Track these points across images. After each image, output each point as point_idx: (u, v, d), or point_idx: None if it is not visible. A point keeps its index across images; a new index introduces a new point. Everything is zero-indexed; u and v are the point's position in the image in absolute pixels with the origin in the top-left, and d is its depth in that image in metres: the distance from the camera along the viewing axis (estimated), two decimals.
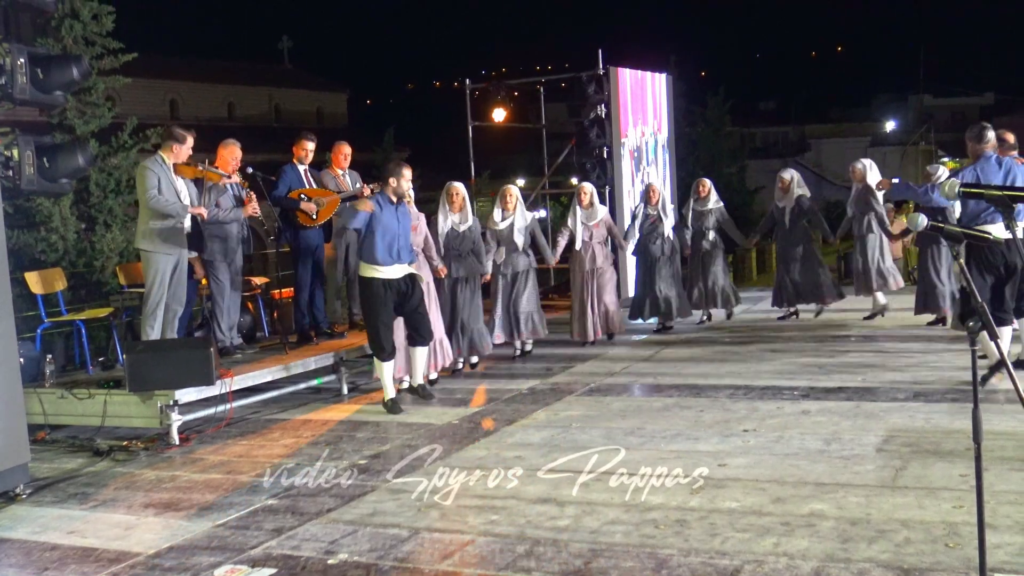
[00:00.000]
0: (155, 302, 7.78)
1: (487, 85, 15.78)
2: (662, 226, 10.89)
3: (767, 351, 9.53)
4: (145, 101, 28.57)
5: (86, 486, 6.26)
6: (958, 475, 5.27)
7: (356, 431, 7.30)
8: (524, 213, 9.71)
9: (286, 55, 42.60)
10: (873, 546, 4.34)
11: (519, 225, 9.60)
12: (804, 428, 6.50)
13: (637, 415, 7.19)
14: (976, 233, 3.61)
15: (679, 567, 4.26)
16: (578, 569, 4.32)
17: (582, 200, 10.34)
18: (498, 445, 6.59)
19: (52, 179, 6.67)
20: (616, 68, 13.20)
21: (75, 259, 11.14)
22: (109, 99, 12.17)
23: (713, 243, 11.33)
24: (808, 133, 56.67)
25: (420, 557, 4.59)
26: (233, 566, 4.63)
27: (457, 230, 9.04)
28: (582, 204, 10.32)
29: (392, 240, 7.62)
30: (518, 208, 9.64)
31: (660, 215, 10.93)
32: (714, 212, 11.29)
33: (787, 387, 7.80)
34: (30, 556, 4.99)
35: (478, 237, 9.18)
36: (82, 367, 8.72)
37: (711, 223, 11.27)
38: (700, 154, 29.21)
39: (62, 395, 7.50)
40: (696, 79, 40.81)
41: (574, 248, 10.37)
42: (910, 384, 7.63)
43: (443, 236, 8.99)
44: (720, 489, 5.30)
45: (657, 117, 14.27)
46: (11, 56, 6.28)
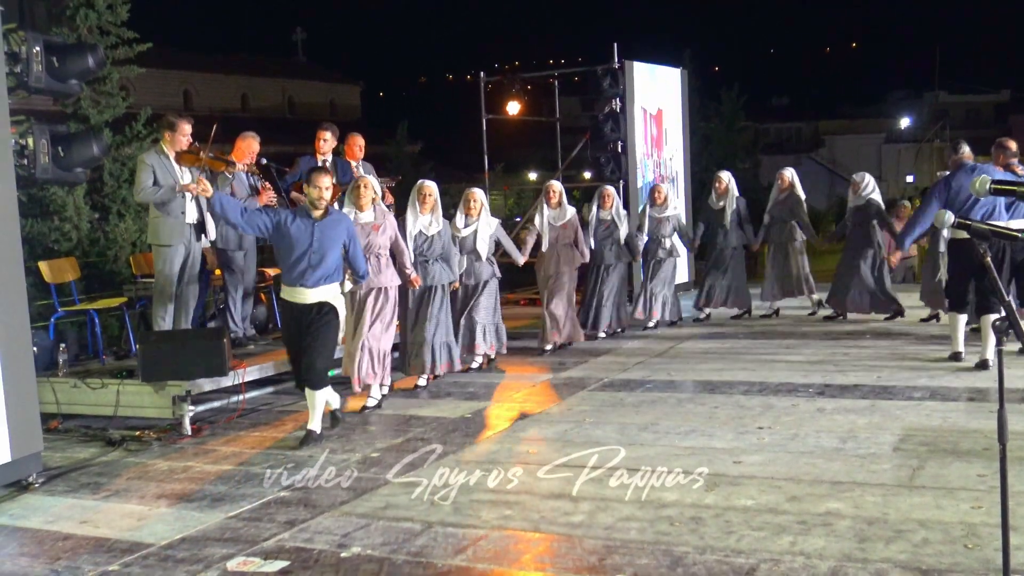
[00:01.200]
0: (165, 294, 7.78)
1: (501, 78, 15.71)
2: (617, 232, 10.46)
3: (782, 348, 9.48)
4: (159, 92, 28.63)
5: (99, 476, 6.25)
6: (976, 475, 5.22)
7: (368, 423, 7.28)
8: (489, 219, 9.09)
9: (300, 47, 42.65)
10: (891, 546, 4.30)
11: (483, 232, 8.97)
12: (820, 426, 6.45)
13: (651, 411, 7.15)
14: (1002, 230, 3.55)
15: (694, 565, 4.22)
16: (592, 565, 4.29)
17: (550, 199, 9.79)
18: (511, 440, 6.56)
19: (66, 168, 6.67)
20: (631, 62, 13.13)
21: (88, 248, 11.15)
22: (123, 89, 12.15)
23: (669, 251, 11.01)
24: (822, 129, 56.42)
25: (433, 551, 4.56)
26: (246, 558, 4.62)
27: (426, 233, 8.32)
28: (550, 203, 9.79)
29: (300, 258, 6.52)
30: (483, 214, 9.03)
31: (615, 220, 10.47)
32: (672, 219, 10.97)
33: (802, 384, 7.75)
34: (43, 545, 4.98)
35: (448, 241, 8.51)
36: (95, 357, 8.72)
37: (667, 230, 10.94)
38: (714, 149, 29.09)
39: (75, 384, 7.50)
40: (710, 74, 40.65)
41: (540, 249, 9.87)
42: (927, 383, 7.57)
43: (411, 239, 8.24)
44: (735, 487, 5.26)
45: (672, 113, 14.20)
46: (27, 44, 6.29)
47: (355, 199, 7.59)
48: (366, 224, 7.57)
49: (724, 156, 28.86)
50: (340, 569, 4.42)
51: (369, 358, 7.56)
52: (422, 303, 8.44)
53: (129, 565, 4.61)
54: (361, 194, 7.56)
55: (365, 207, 7.58)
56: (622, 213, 10.64)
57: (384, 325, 7.67)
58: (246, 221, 6.58)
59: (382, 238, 7.66)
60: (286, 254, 6.57)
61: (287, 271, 6.62)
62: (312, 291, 6.59)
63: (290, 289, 6.63)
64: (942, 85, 54.41)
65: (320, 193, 6.52)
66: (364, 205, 7.58)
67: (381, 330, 7.64)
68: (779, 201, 11.26)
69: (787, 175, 11.24)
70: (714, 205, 11.26)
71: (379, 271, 7.61)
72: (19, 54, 6.25)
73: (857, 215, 10.68)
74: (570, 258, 9.84)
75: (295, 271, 6.55)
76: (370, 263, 7.44)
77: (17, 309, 5.89)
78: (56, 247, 10.81)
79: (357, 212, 7.56)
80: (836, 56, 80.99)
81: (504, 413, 7.38)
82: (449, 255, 8.54)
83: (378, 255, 7.62)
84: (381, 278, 7.63)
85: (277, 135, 20.63)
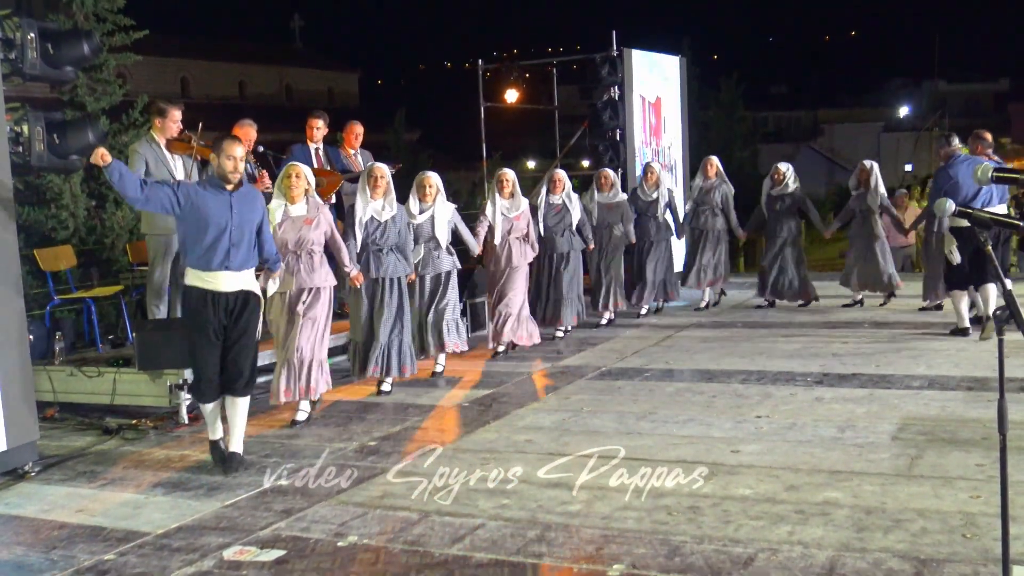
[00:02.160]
0: (159, 282, 7.77)
1: (499, 66, 15.64)
2: (568, 217, 9.86)
3: (780, 337, 9.46)
4: (156, 79, 28.58)
5: (95, 464, 6.24)
6: (974, 464, 5.21)
7: (366, 412, 7.27)
8: (445, 204, 8.30)
9: (297, 35, 42.57)
10: (889, 535, 4.29)
11: (441, 218, 8.18)
12: (818, 415, 6.44)
13: (649, 400, 7.13)
14: (1002, 219, 3.53)
15: (692, 554, 4.21)
16: (590, 555, 4.28)
17: (503, 188, 9.18)
18: (509, 428, 6.55)
19: (62, 156, 6.62)
20: (630, 50, 13.08)
21: (85, 236, 11.12)
22: (120, 76, 12.11)
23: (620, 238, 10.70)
24: (821, 118, 56.38)
25: (430, 540, 4.55)
26: (242, 547, 4.60)
27: (379, 219, 7.56)
28: (503, 193, 9.17)
29: (220, 237, 5.71)
30: (439, 199, 8.20)
31: (566, 205, 9.83)
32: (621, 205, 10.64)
33: (800, 373, 7.73)
34: (38, 534, 4.97)
35: (404, 229, 7.72)
36: (91, 345, 8.69)
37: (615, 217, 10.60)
38: (712, 138, 29.08)
39: (71, 373, 7.48)
40: (709, 62, 40.60)
41: (491, 242, 9.16)
42: (925, 372, 7.56)
43: (361, 227, 7.54)
44: (733, 476, 5.25)
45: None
46: (22, 31, 6.23)
47: (286, 189, 6.81)
48: (297, 218, 6.82)
49: (723, 144, 28.86)
50: (337, 558, 4.40)
51: (296, 371, 6.84)
52: (375, 300, 7.66)
53: (125, 554, 4.60)
54: (293, 184, 6.78)
55: (297, 199, 6.82)
56: (573, 197, 9.98)
57: (318, 331, 6.94)
58: (146, 196, 5.66)
59: (315, 233, 6.88)
60: (201, 233, 5.69)
61: (203, 253, 5.72)
62: (238, 275, 5.82)
63: (208, 275, 5.75)
64: (941, 74, 54.32)
65: (235, 164, 5.73)
66: (296, 196, 6.81)
67: (315, 337, 6.91)
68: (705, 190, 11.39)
69: (715, 161, 11.46)
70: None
71: (312, 270, 6.88)
72: (14, 40, 6.20)
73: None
74: (523, 252, 9.24)
75: (216, 253, 5.71)
76: (302, 261, 6.84)
77: (13, 297, 5.87)
78: (52, 235, 10.77)
79: (288, 204, 6.82)
80: (835, 44, 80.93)
81: (503, 401, 7.36)
82: (405, 245, 7.77)
83: (311, 252, 6.89)
84: (314, 277, 6.89)
85: (274, 123, 20.57)
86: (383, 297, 7.63)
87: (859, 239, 10.87)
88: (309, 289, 6.89)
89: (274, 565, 4.37)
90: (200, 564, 4.43)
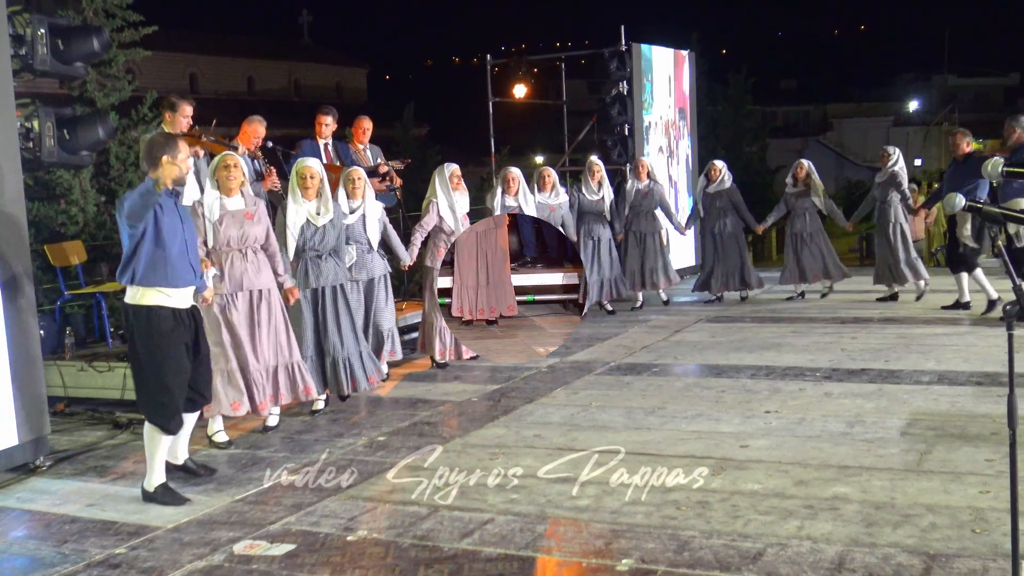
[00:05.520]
0: None
1: (508, 61, 15.66)
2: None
3: (789, 332, 9.45)
4: (165, 75, 28.62)
5: (105, 459, 6.27)
6: (984, 460, 5.20)
7: (375, 407, 7.28)
8: (375, 202, 7.79)
9: (306, 30, 42.55)
10: (898, 530, 4.29)
11: (372, 216, 7.65)
12: (827, 410, 6.44)
13: (658, 395, 7.13)
14: (1014, 214, 3.53)
15: (701, 549, 4.22)
16: (599, 549, 4.29)
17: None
18: (517, 423, 6.56)
19: (72, 151, 6.66)
20: (638, 45, 13.07)
21: (95, 232, 11.15)
22: (129, 72, 12.12)
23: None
24: (830, 113, 56.20)
25: (439, 535, 4.56)
26: (252, 541, 4.62)
27: (315, 223, 6.90)
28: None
29: (184, 250, 5.22)
30: (367, 195, 7.65)
31: (520, 208, 9.25)
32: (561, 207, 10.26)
33: (809, 368, 7.72)
34: (50, 528, 5.00)
35: (341, 232, 7.17)
36: (102, 340, 8.72)
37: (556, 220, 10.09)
38: (721, 133, 28.99)
39: (82, 368, 7.51)
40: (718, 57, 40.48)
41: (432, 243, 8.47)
42: (934, 367, 7.54)
43: (294, 230, 6.89)
44: (742, 471, 5.25)
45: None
46: (32, 27, 6.27)
47: (223, 180, 6.21)
48: (237, 212, 6.23)
49: (732, 139, 28.78)
50: (346, 552, 4.42)
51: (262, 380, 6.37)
52: (318, 312, 7.03)
53: (136, 548, 4.62)
54: (230, 175, 6.19)
55: (233, 191, 6.25)
56: (529, 198, 9.44)
57: (283, 336, 6.46)
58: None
59: (257, 228, 6.29)
60: (167, 247, 5.13)
61: (171, 269, 5.16)
62: (192, 290, 5.40)
63: (175, 291, 5.22)
64: (951, 68, 54.13)
65: (184, 170, 5.15)
66: (232, 189, 6.24)
67: (275, 343, 6.42)
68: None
69: (645, 160, 11.52)
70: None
71: (259, 269, 6.30)
72: (24, 36, 6.23)
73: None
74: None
75: (180, 267, 5.20)
76: (247, 259, 6.27)
77: (23, 293, 5.89)
78: (62, 230, 10.80)
79: (223, 197, 6.24)
80: (844, 39, 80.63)
81: (511, 396, 7.37)
82: (340, 249, 7.21)
83: (255, 250, 6.31)
84: (262, 278, 6.31)
85: (283, 118, 20.58)
86: (325, 309, 7.02)
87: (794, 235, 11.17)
88: (258, 291, 6.32)
89: (284, 559, 4.39)
90: (211, 558, 4.45)
